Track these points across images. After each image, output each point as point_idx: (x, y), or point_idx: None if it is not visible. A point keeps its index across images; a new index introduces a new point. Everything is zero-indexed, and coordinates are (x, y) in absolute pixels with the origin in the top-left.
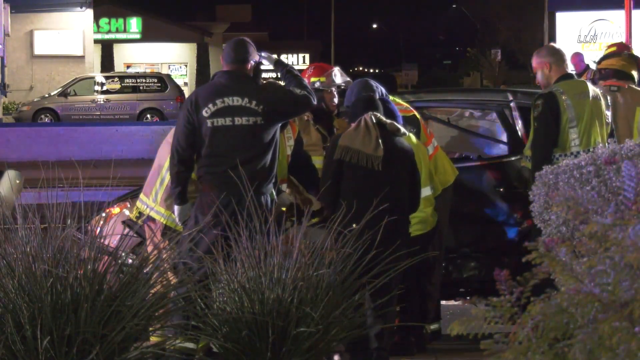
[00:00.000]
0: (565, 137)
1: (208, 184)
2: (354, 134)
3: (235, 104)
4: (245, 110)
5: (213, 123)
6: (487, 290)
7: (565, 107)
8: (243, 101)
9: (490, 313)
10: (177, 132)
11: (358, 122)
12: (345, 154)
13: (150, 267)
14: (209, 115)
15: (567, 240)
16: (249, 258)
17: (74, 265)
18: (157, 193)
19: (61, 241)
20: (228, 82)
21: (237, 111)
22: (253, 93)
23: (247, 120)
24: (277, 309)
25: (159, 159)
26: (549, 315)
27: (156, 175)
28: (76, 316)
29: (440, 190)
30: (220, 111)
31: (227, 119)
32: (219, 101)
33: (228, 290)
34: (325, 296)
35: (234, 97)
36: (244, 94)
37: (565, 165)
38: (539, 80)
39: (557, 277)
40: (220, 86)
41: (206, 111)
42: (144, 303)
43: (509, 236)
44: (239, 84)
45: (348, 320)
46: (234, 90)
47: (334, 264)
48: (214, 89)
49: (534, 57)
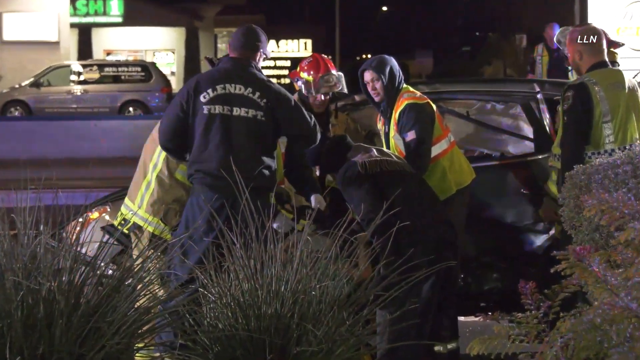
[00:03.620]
0: (598, 133)
1: (199, 183)
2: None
3: (237, 92)
4: (246, 101)
5: (210, 110)
6: (511, 305)
7: (599, 100)
8: (246, 90)
9: (515, 330)
10: (163, 118)
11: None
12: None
13: (133, 279)
14: (207, 101)
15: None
16: (244, 268)
17: (47, 277)
18: (143, 197)
19: (33, 249)
20: (233, 68)
21: (237, 100)
22: (258, 84)
23: (247, 112)
24: (275, 326)
25: (145, 158)
26: (581, 332)
27: (142, 177)
28: (50, 333)
29: (455, 191)
30: (219, 98)
31: (226, 107)
32: (220, 87)
33: (220, 304)
34: (329, 311)
35: (236, 85)
36: (247, 83)
37: (598, 164)
38: (572, 65)
39: (589, 290)
40: (224, 71)
41: (204, 96)
42: (126, 319)
43: (535, 244)
44: (244, 72)
45: (355, 338)
46: (237, 77)
47: (338, 275)
48: (216, 73)
49: (567, 39)
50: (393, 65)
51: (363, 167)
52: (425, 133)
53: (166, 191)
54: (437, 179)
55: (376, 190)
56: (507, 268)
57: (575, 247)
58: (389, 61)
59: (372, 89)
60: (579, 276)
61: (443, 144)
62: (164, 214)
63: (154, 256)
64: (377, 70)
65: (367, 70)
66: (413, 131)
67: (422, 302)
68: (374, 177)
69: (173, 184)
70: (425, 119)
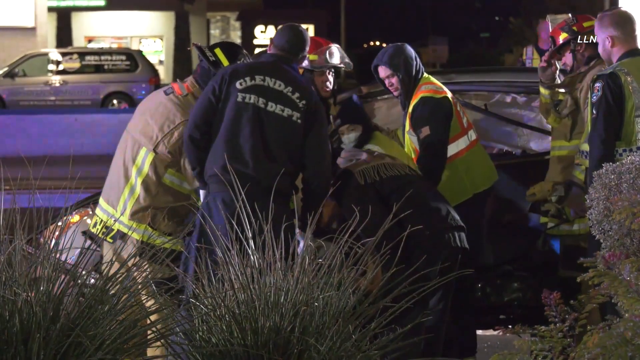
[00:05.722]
0: (630, 129)
1: (216, 179)
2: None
3: (276, 87)
4: (283, 98)
5: (244, 99)
6: (534, 317)
7: (631, 91)
8: (285, 88)
9: (538, 345)
10: (197, 104)
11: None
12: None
13: (118, 288)
14: (242, 89)
15: (632, 255)
16: (240, 277)
17: (23, 286)
18: (126, 204)
19: (8, 256)
20: (275, 63)
21: (275, 96)
22: (299, 85)
23: (282, 110)
24: (274, 340)
25: (124, 158)
26: (610, 347)
27: (123, 181)
28: (26, 348)
29: (471, 195)
30: (256, 88)
31: (261, 99)
32: (259, 77)
33: (214, 316)
34: (333, 324)
35: (276, 80)
36: (288, 82)
37: (630, 162)
38: (601, 54)
39: (619, 301)
40: (266, 64)
41: (241, 83)
42: (110, 333)
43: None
44: (287, 71)
45: (362, 354)
46: (279, 73)
47: (344, 285)
48: (257, 64)
49: (596, 24)
50: (408, 54)
51: (362, 176)
52: (441, 130)
53: (153, 197)
54: (451, 181)
55: (380, 199)
56: (529, 277)
57: (604, 254)
58: (403, 51)
59: (389, 85)
60: (609, 285)
61: (460, 143)
62: (152, 217)
63: (141, 264)
64: (391, 65)
65: (381, 66)
66: (427, 127)
67: (433, 315)
68: (374, 185)
69: (161, 190)
70: (441, 115)
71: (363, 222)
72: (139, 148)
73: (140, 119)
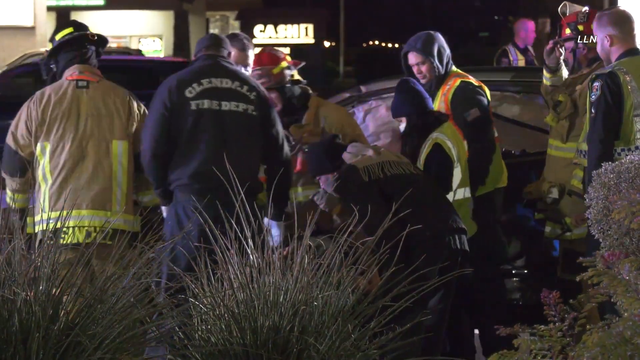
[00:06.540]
0: (629, 128)
1: (184, 191)
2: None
3: (224, 85)
4: (235, 94)
5: (198, 105)
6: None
7: (629, 91)
8: (233, 84)
9: (537, 344)
10: (149, 123)
11: None
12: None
13: (117, 288)
14: (194, 96)
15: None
16: (239, 276)
17: (23, 286)
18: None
19: (6, 255)
20: (214, 63)
21: (226, 94)
22: (244, 78)
23: (237, 106)
24: (274, 340)
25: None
26: (609, 346)
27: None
28: (26, 348)
29: (492, 188)
30: (207, 92)
31: (214, 102)
32: (206, 81)
33: (213, 316)
34: (332, 323)
35: (222, 79)
36: (233, 77)
37: (629, 162)
38: (600, 53)
39: (618, 300)
40: (206, 67)
41: (190, 91)
42: (110, 332)
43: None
44: (227, 67)
45: (361, 353)
46: (221, 71)
47: (343, 284)
48: (198, 69)
49: (594, 24)
50: (441, 43)
51: (366, 173)
52: (489, 113)
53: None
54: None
55: (382, 197)
56: (529, 276)
57: (603, 253)
58: (436, 39)
59: (419, 72)
60: (608, 285)
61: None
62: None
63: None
64: (423, 51)
65: (411, 52)
66: (477, 109)
67: (433, 314)
68: (378, 182)
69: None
70: (485, 100)
71: (363, 220)
72: (12, 142)
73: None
